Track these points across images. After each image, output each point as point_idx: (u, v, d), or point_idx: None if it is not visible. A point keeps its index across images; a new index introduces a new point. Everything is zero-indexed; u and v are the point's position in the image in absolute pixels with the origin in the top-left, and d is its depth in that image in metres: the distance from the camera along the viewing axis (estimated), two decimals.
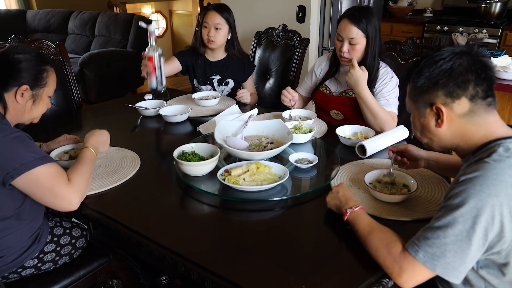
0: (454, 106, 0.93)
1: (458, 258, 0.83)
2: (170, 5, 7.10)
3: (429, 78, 0.94)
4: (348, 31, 1.69)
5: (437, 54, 0.94)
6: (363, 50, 1.73)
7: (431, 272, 0.85)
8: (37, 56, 1.24)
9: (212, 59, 2.25)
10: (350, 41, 1.70)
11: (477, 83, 0.90)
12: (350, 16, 1.70)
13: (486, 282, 0.92)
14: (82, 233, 1.40)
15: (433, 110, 0.95)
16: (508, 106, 2.41)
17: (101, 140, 1.37)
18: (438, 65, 0.93)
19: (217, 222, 1.18)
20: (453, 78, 0.91)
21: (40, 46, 2.14)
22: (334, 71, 1.90)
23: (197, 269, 0.95)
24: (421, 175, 1.32)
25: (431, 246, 0.85)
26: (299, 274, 0.92)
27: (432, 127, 0.97)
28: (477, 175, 0.84)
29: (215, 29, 2.11)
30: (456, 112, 0.93)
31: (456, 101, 0.92)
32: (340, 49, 1.73)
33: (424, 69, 0.95)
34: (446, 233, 0.83)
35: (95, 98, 4.42)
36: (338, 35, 1.74)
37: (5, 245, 1.19)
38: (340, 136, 1.58)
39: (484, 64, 0.91)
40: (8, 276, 1.26)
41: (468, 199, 0.82)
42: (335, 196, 1.11)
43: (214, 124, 1.67)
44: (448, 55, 0.92)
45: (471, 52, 0.92)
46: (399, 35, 4.35)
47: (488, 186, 0.82)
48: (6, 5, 5.75)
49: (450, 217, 0.84)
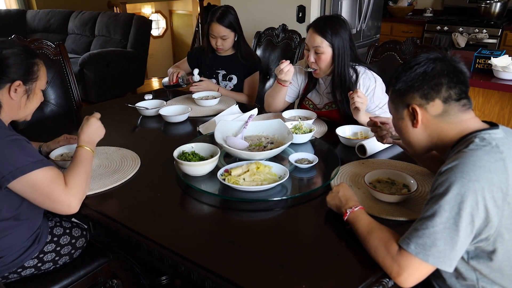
0: (428, 107, 0.99)
1: (448, 246, 0.85)
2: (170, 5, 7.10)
3: (405, 82, 1.01)
4: (313, 40, 1.68)
5: (413, 60, 1.01)
6: (330, 60, 1.69)
7: (427, 265, 0.87)
8: (25, 50, 1.21)
9: (220, 54, 2.30)
10: (316, 50, 1.68)
11: (449, 86, 0.97)
12: (315, 26, 1.69)
13: (477, 273, 0.94)
14: (82, 233, 1.40)
15: (409, 111, 1.01)
16: (508, 106, 2.40)
17: (93, 131, 1.32)
18: (413, 70, 1.00)
19: (217, 222, 1.18)
20: (427, 81, 0.98)
21: (40, 46, 2.14)
22: (314, 83, 1.87)
23: (197, 269, 0.95)
24: (421, 175, 1.32)
25: (421, 237, 0.87)
26: (299, 274, 0.92)
27: (409, 128, 1.04)
28: (456, 164, 0.88)
29: (223, 39, 2.17)
30: (430, 113, 0.99)
31: (431, 102, 0.98)
32: (307, 58, 1.73)
33: (401, 74, 1.02)
34: (434, 222, 0.86)
35: (95, 98, 4.42)
36: (305, 45, 1.74)
37: (5, 245, 1.19)
38: (340, 136, 1.58)
39: (457, 69, 0.98)
40: (8, 276, 1.26)
41: (451, 186, 0.86)
42: (335, 196, 1.11)
43: (214, 124, 1.67)
44: (422, 60, 1.00)
45: (444, 58, 0.99)
46: (399, 35, 4.35)
47: (468, 172, 0.85)
48: (6, 5, 5.75)
49: (436, 206, 0.87)
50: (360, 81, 1.71)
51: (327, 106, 1.83)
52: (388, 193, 1.17)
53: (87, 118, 1.35)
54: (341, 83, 1.71)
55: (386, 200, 1.17)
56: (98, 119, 1.36)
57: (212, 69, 2.30)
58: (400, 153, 1.51)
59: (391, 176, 1.26)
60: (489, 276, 0.93)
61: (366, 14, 3.38)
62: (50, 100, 2.17)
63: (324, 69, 1.72)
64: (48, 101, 2.16)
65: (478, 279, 0.94)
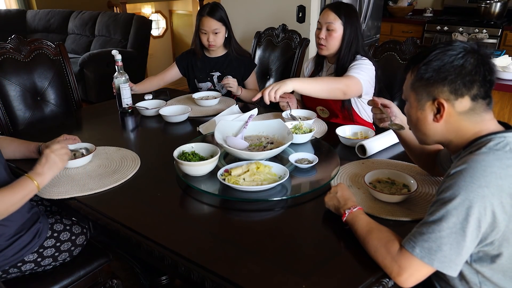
0: (456, 103, 0.93)
1: (454, 251, 0.84)
2: (170, 5, 7.09)
3: (438, 72, 0.93)
4: (326, 16, 1.76)
5: (449, 49, 0.93)
6: (340, 40, 1.76)
7: (429, 267, 0.86)
8: None
9: (212, 55, 2.26)
10: (328, 27, 1.75)
11: (481, 84, 0.91)
12: (331, 6, 1.78)
13: (480, 275, 0.93)
14: (82, 231, 1.40)
15: (434, 104, 0.95)
16: (508, 106, 2.40)
17: (51, 167, 1.21)
18: (449, 60, 0.92)
19: (217, 222, 1.18)
20: (462, 76, 0.91)
21: (40, 46, 2.14)
22: (319, 70, 1.93)
23: (197, 269, 0.95)
24: (421, 175, 1.32)
25: (427, 240, 0.86)
26: (299, 274, 0.92)
27: (429, 121, 0.98)
28: (466, 167, 0.85)
29: (214, 33, 2.13)
30: (456, 109, 0.94)
31: (459, 98, 0.92)
32: (318, 35, 1.79)
33: (434, 61, 0.93)
34: (441, 226, 0.85)
35: (95, 98, 4.42)
36: (318, 23, 1.81)
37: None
38: (340, 136, 1.58)
39: (491, 67, 0.92)
40: (9, 271, 1.26)
41: (460, 191, 0.84)
42: (333, 197, 1.11)
43: (214, 124, 1.67)
44: (459, 50, 0.92)
45: (480, 51, 0.92)
46: (399, 35, 4.35)
47: (478, 178, 0.83)
48: (6, 5, 5.75)
49: (444, 211, 0.85)
50: (356, 61, 1.75)
51: None
52: (388, 193, 1.17)
53: (51, 150, 1.23)
54: (345, 64, 1.76)
55: (386, 200, 1.17)
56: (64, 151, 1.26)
57: (206, 72, 2.25)
58: (400, 153, 1.51)
59: (391, 176, 1.26)
60: (491, 279, 0.92)
61: (366, 14, 3.38)
62: (50, 100, 2.17)
63: (331, 47, 1.78)
64: (48, 101, 2.16)
65: (481, 283, 0.93)
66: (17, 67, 2.05)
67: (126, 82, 2.02)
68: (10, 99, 2.03)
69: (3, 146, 1.42)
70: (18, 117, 2.06)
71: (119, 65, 2.00)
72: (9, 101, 2.03)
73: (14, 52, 2.05)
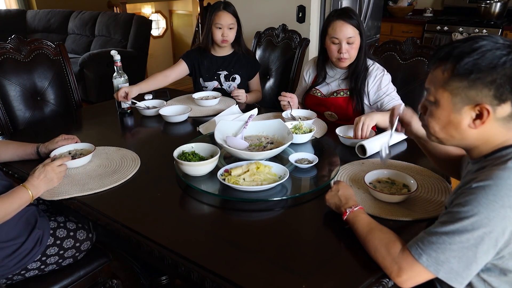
0: (497, 109, 0.83)
1: (462, 265, 0.82)
2: (170, 5, 7.09)
3: (485, 73, 0.81)
4: (345, 31, 1.69)
5: (495, 46, 0.81)
6: (358, 48, 1.75)
7: (432, 275, 0.85)
8: None
9: (219, 54, 2.26)
10: (348, 41, 1.71)
11: None
12: (341, 16, 1.70)
13: (487, 284, 0.91)
14: (87, 236, 1.39)
15: (475, 110, 0.84)
16: None
17: (45, 180, 1.23)
18: (501, 62, 0.79)
19: (217, 222, 1.18)
20: (511, 80, 0.80)
21: (40, 46, 2.14)
22: (324, 77, 1.89)
23: (197, 269, 0.95)
24: (421, 175, 1.32)
25: (436, 251, 0.83)
26: (299, 274, 0.92)
27: (463, 126, 0.87)
28: (491, 184, 0.80)
29: (229, 29, 2.13)
30: (496, 115, 0.84)
31: (502, 104, 0.82)
32: (339, 51, 1.72)
33: (479, 60, 0.81)
34: (453, 239, 0.81)
35: (95, 98, 4.42)
36: (333, 38, 1.71)
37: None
38: (340, 136, 1.58)
39: None
40: (13, 278, 1.26)
41: (480, 209, 0.79)
42: (335, 195, 1.11)
43: (214, 124, 1.67)
44: (509, 50, 0.80)
45: None
46: (399, 35, 4.35)
47: (502, 197, 0.78)
48: (6, 5, 5.75)
49: (459, 225, 0.81)
50: (370, 71, 1.77)
51: (335, 93, 1.85)
52: (388, 193, 1.17)
53: (52, 168, 1.25)
54: (361, 70, 1.76)
55: (386, 200, 1.17)
56: (63, 168, 1.29)
57: (213, 71, 2.25)
58: (400, 153, 1.51)
59: (391, 176, 1.26)
60: None
61: (366, 14, 3.38)
62: (50, 100, 2.17)
63: (353, 57, 1.77)
64: (48, 101, 2.16)
65: None
66: (17, 67, 2.05)
67: (125, 83, 2.02)
68: (10, 99, 2.03)
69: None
70: (18, 117, 2.06)
71: (118, 65, 2.00)
72: (9, 101, 2.03)
73: (14, 52, 2.05)
